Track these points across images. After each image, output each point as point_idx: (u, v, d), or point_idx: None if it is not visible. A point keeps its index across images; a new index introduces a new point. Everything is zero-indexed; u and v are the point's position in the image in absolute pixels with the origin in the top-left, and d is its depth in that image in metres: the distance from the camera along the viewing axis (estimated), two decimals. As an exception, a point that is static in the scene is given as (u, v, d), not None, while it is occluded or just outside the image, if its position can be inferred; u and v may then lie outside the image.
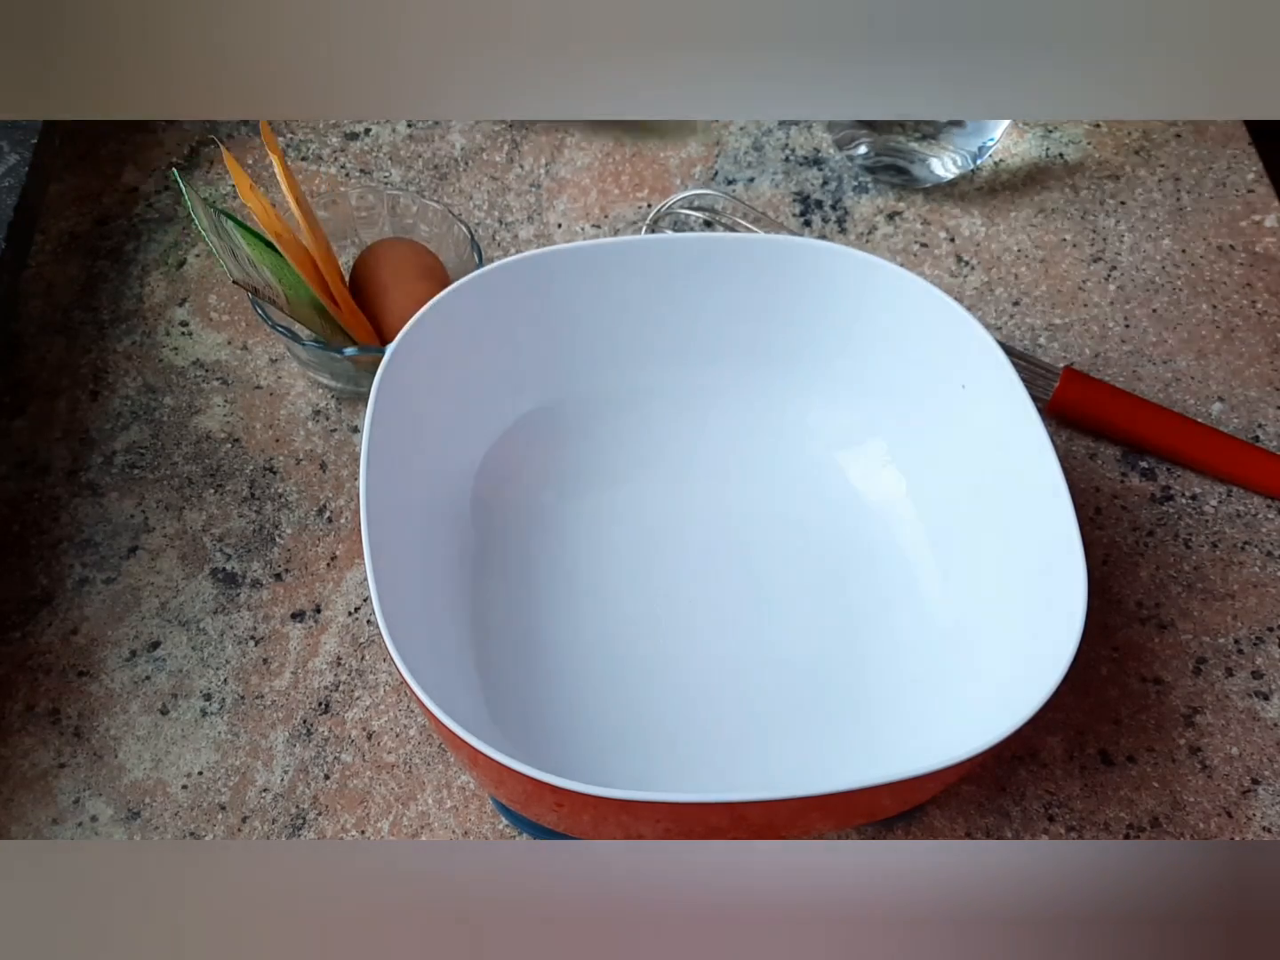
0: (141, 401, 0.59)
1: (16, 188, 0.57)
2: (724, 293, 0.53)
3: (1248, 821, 0.49)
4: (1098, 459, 0.58)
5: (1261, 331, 0.62)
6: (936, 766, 0.38)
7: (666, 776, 0.47)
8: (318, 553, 0.55)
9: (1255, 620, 0.54)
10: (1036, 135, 0.70)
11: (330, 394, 0.60)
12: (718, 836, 0.41)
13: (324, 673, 0.52)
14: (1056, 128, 0.70)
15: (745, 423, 0.55)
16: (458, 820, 0.49)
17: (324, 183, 0.67)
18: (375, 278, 0.58)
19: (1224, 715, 0.52)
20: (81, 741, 0.50)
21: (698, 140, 0.69)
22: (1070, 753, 0.51)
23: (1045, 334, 0.62)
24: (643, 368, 0.55)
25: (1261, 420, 0.59)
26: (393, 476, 0.46)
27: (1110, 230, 0.66)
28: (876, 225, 0.66)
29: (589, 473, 0.55)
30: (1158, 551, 0.56)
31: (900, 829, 0.49)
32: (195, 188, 0.67)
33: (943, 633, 0.50)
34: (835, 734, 0.48)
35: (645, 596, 0.52)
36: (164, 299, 0.63)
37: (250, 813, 0.49)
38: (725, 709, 0.49)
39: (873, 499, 0.54)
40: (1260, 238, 0.66)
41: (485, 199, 0.67)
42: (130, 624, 0.53)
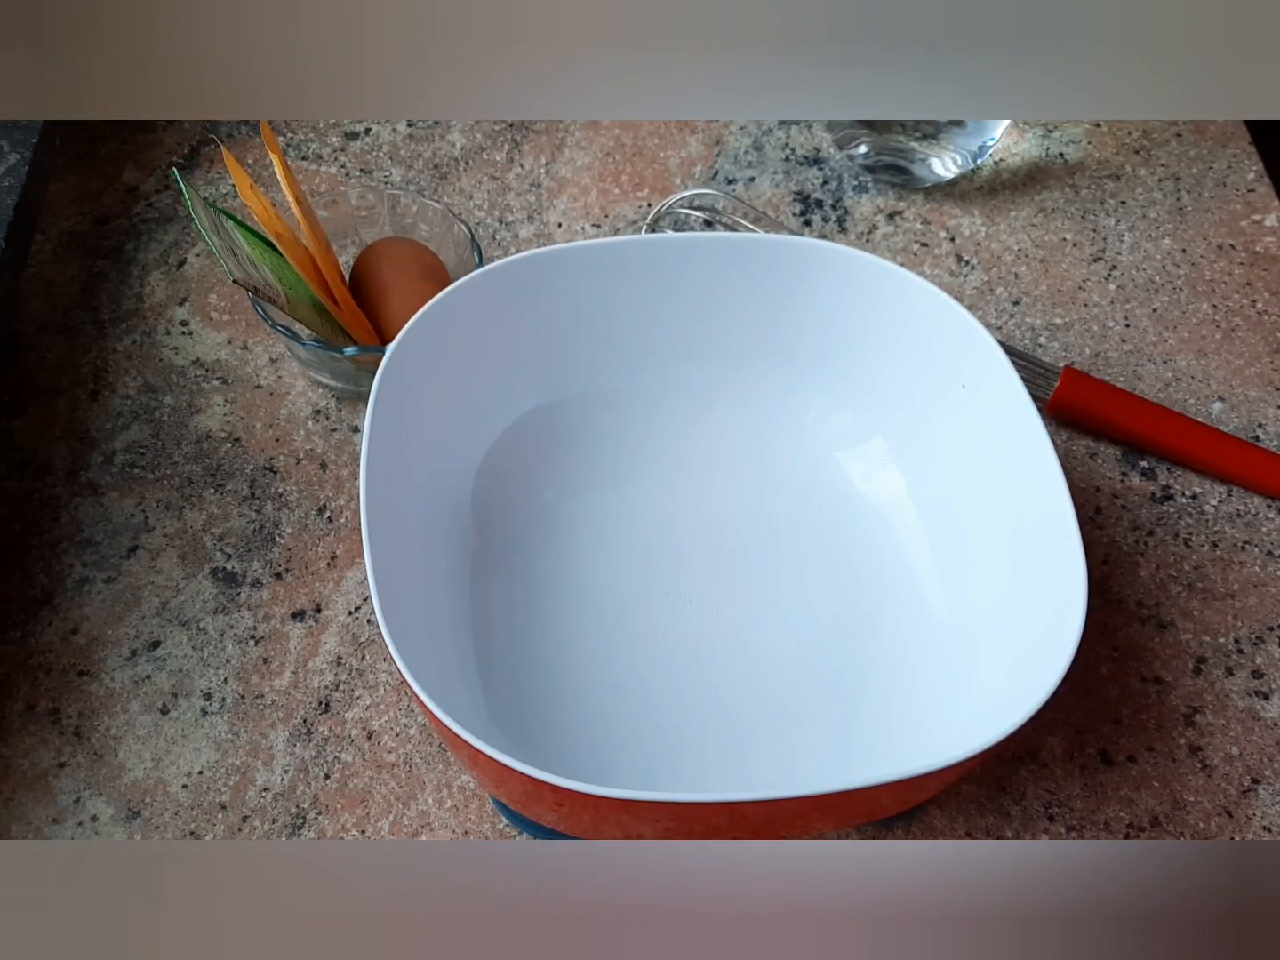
0: (141, 401, 0.59)
1: (16, 187, 0.57)
2: (724, 293, 0.53)
3: (1248, 821, 0.49)
4: (1098, 459, 0.58)
5: (1261, 331, 0.62)
6: (936, 766, 0.38)
7: (667, 776, 0.47)
8: (318, 552, 0.55)
9: (1255, 620, 0.54)
10: (1036, 135, 0.70)
11: (330, 394, 0.60)
12: (718, 836, 0.41)
13: (324, 672, 0.52)
14: (1056, 128, 0.70)
15: (745, 422, 0.55)
16: (458, 820, 0.49)
17: (324, 182, 0.67)
18: (375, 277, 0.58)
19: (1224, 715, 0.52)
20: (81, 741, 0.50)
21: (698, 140, 0.69)
22: (1070, 752, 0.51)
23: (1045, 334, 0.62)
24: (643, 368, 0.55)
25: (1261, 420, 0.59)
26: (393, 476, 0.46)
27: (1110, 230, 0.66)
28: (876, 225, 0.66)
29: (589, 473, 0.55)
30: (1158, 551, 0.56)
31: (900, 829, 0.49)
32: (195, 187, 0.67)
33: (943, 632, 0.50)
34: (835, 734, 0.48)
35: (645, 596, 0.52)
36: (164, 299, 0.63)
37: (250, 812, 0.49)
38: (725, 709, 0.49)
39: (873, 499, 0.54)
40: (1260, 237, 0.66)
41: (485, 199, 0.67)
42: (130, 623, 0.53)
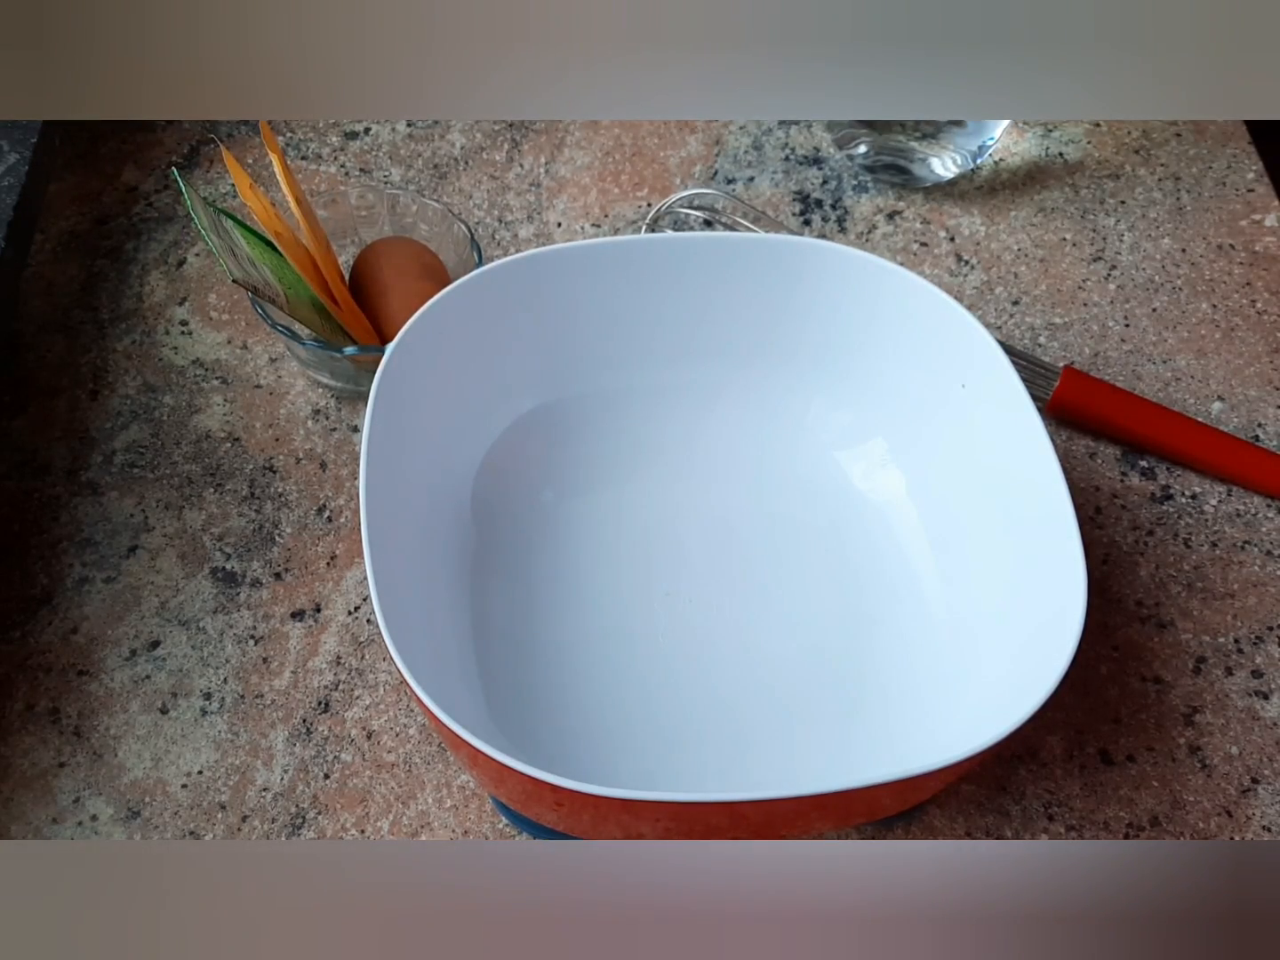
0: (141, 401, 0.59)
1: (16, 187, 0.57)
2: (724, 292, 0.53)
3: (1247, 821, 0.49)
4: (1098, 458, 0.58)
5: (1261, 331, 0.62)
6: (936, 766, 0.38)
7: (666, 776, 0.47)
8: (317, 552, 0.55)
9: (1255, 619, 0.54)
10: (1036, 135, 0.70)
11: (330, 393, 0.60)
12: (718, 836, 0.41)
13: (324, 672, 0.52)
14: (1056, 127, 0.70)
15: (745, 422, 0.55)
16: (458, 820, 0.49)
17: (324, 182, 0.67)
18: (375, 277, 0.58)
19: (1224, 714, 0.52)
20: (81, 741, 0.50)
21: (697, 139, 0.69)
22: (1070, 752, 0.51)
23: (1045, 333, 0.62)
24: (642, 367, 0.55)
25: (1261, 420, 0.59)
26: (393, 476, 0.46)
27: (1110, 229, 0.66)
28: (876, 225, 0.66)
29: (589, 472, 0.55)
30: (1158, 551, 0.56)
31: (900, 829, 0.49)
32: (195, 187, 0.67)
33: (943, 632, 0.50)
34: (835, 734, 0.48)
35: (645, 595, 0.52)
36: (164, 298, 0.63)
37: (250, 812, 0.49)
38: (725, 708, 0.49)
39: (873, 499, 0.54)
40: (1260, 237, 0.66)
41: (485, 198, 0.67)
42: (130, 623, 0.53)
